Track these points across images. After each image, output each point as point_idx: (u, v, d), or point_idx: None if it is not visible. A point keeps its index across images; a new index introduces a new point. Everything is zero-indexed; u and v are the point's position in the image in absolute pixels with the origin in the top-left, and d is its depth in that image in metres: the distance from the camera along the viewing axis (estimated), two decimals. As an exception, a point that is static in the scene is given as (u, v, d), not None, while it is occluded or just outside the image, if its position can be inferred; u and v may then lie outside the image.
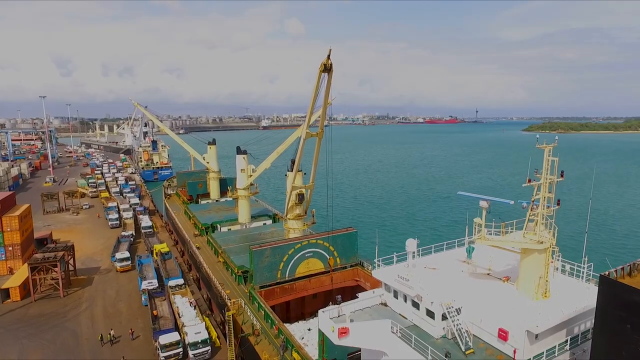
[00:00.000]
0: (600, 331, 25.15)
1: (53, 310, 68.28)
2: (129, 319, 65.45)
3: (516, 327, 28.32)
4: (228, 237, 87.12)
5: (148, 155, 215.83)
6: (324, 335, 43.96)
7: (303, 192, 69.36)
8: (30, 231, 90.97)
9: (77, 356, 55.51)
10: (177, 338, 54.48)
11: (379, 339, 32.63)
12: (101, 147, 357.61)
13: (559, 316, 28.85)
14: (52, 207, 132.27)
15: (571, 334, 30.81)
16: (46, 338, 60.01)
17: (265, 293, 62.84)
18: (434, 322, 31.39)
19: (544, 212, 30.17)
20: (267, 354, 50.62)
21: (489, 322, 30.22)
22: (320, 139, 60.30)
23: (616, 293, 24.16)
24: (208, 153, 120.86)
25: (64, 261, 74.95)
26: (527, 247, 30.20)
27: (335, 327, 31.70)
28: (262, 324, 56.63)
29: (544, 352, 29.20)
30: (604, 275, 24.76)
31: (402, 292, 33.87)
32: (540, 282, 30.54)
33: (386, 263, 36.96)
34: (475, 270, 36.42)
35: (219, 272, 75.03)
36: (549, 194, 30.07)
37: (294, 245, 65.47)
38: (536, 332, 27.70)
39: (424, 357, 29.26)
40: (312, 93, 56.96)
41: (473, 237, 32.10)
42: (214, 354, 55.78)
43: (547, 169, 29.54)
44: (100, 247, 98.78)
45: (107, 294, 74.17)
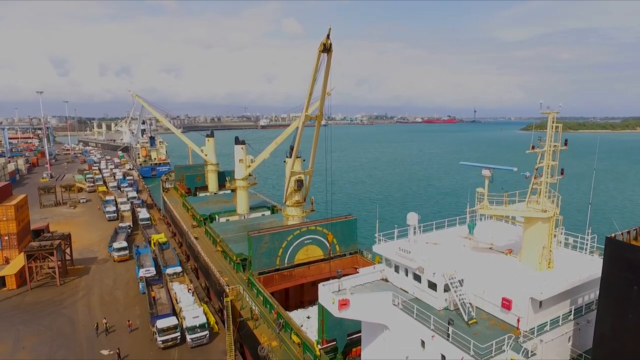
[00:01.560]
0: (606, 295, 24.68)
1: (49, 298, 67.57)
2: (126, 306, 64.77)
3: (520, 295, 27.83)
4: (226, 227, 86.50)
5: (146, 151, 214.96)
6: (323, 315, 43.58)
7: (302, 178, 68.78)
8: (27, 222, 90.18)
9: (74, 342, 54.81)
10: (174, 322, 53.88)
11: (379, 312, 32.11)
12: (99, 145, 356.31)
13: (563, 284, 28.38)
14: (49, 201, 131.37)
15: (575, 304, 30.35)
16: (42, 324, 59.32)
17: (264, 280, 62.23)
18: (436, 294, 30.87)
19: (548, 180, 29.69)
20: (265, 336, 50.07)
21: (492, 292, 29.75)
22: (320, 122, 59.78)
23: (623, 255, 23.68)
24: (206, 145, 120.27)
25: (60, 250, 74.20)
26: (531, 215, 29.72)
27: (335, 299, 31.15)
28: (260, 309, 56.10)
29: (548, 322, 28.73)
30: (610, 237, 24.29)
31: (403, 265, 33.34)
32: (544, 252, 30.06)
33: (387, 238, 36.42)
34: (477, 245, 35.94)
35: (217, 260, 74.46)
36: (552, 162, 29.59)
37: (292, 231, 64.89)
38: (540, 299, 27.23)
39: (427, 327, 28.76)
40: (310, 76, 56.36)
41: (475, 207, 31.58)
42: (212, 339, 55.13)
43: (550, 136, 29.05)
44: (97, 238, 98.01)
45: (104, 283, 73.47)
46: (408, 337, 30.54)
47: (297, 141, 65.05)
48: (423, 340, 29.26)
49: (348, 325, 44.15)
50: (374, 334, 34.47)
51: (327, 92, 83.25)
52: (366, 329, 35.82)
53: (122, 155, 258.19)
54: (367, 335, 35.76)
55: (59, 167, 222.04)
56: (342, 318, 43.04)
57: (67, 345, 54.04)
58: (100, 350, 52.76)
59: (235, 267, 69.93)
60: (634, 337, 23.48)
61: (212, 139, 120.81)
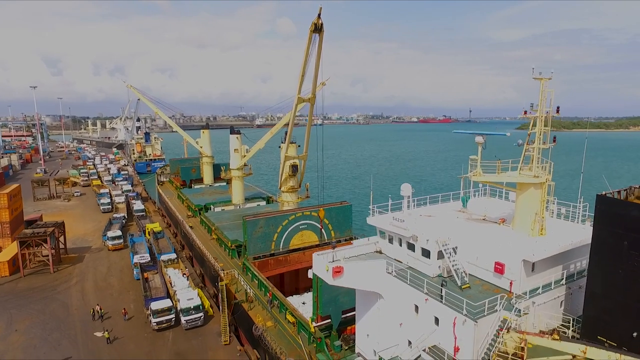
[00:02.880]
0: (597, 252, 24.94)
1: (43, 284, 67.18)
2: (120, 291, 64.51)
3: (512, 258, 28.02)
4: (221, 216, 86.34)
5: (141, 147, 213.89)
6: (318, 291, 43.60)
7: (297, 163, 68.77)
8: (20, 211, 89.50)
9: (67, 325, 54.53)
10: (169, 304, 53.73)
11: (373, 280, 32.22)
12: (93, 142, 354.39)
13: (555, 247, 28.60)
14: (43, 194, 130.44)
15: (567, 270, 30.59)
16: (35, 308, 58.98)
17: (259, 264, 62.14)
18: (430, 261, 30.99)
19: (540, 147, 29.90)
20: (260, 317, 50.06)
21: (485, 258, 29.93)
22: (313, 104, 59.76)
23: (614, 210, 23.96)
24: (201, 138, 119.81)
25: (54, 237, 73.75)
26: (523, 181, 29.92)
27: (329, 267, 31.20)
28: (255, 291, 56.06)
29: (540, 286, 28.93)
30: (601, 195, 24.54)
31: (397, 235, 33.43)
32: (536, 218, 30.26)
33: (381, 211, 36.51)
34: (471, 216, 36.13)
35: (212, 248, 74.29)
36: (544, 129, 29.81)
37: (288, 216, 64.87)
38: (533, 261, 27.42)
39: (420, 291, 28.88)
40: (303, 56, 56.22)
41: (469, 174, 31.73)
42: (206, 322, 55.02)
43: (542, 101, 29.26)
44: (91, 229, 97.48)
45: (98, 270, 73.12)
46: (402, 303, 30.66)
47: (290, 125, 65.02)
48: (417, 305, 29.39)
49: (343, 302, 44.19)
50: (368, 304, 34.57)
51: (322, 83, 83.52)
52: (360, 300, 35.91)
53: (116, 152, 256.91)
54: (361, 306, 35.86)
55: (53, 163, 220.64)
56: (337, 295, 43.70)
57: (60, 328, 53.76)
58: (94, 333, 52.53)
59: (230, 254, 69.81)
60: (624, 293, 23.74)
61: (207, 131, 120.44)
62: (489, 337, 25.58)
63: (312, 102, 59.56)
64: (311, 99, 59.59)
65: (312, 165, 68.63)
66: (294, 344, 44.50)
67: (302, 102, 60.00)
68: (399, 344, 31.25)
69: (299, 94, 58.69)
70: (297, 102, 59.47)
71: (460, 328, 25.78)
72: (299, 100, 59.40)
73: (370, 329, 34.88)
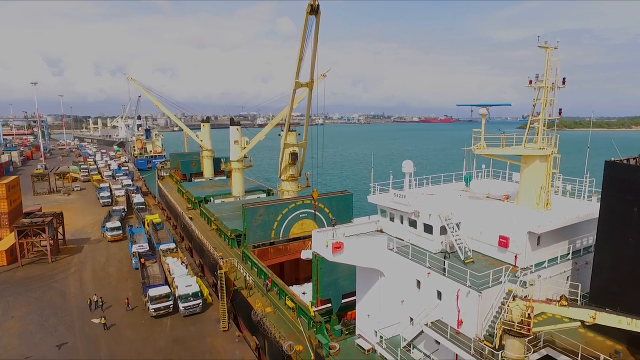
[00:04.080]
0: (606, 220, 24.13)
1: (40, 273, 66.53)
2: (118, 280, 63.79)
3: (517, 231, 27.19)
4: (221, 207, 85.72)
5: (142, 143, 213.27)
6: (318, 274, 42.86)
7: (296, 151, 67.98)
8: (19, 203, 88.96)
9: (64, 312, 53.83)
10: (167, 291, 53.03)
11: (374, 257, 31.44)
12: (94, 141, 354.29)
13: (561, 220, 27.78)
14: (43, 189, 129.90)
15: (573, 246, 29.72)
16: (32, 296, 58.32)
17: (258, 253, 61.41)
18: (432, 237, 30.18)
19: (546, 117, 29.08)
20: (259, 303, 49.31)
21: (489, 233, 29.11)
22: (311, 89, 59.07)
23: (623, 177, 23.15)
24: (202, 131, 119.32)
25: (52, 227, 73.11)
26: (528, 153, 29.10)
27: (329, 242, 30.43)
28: (254, 279, 55.34)
29: (546, 260, 28.11)
30: (609, 161, 23.74)
31: (398, 212, 32.63)
32: (541, 192, 29.43)
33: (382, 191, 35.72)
34: (474, 194, 35.33)
35: (212, 238, 73.60)
36: (550, 99, 28.98)
37: (287, 204, 64.11)
38: (538, 232, 26.59)
39: (422, 265, 28.08)
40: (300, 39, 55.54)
41: (472, 147, 30.92)
42: (205, 309, 54.26)
43: (548, 71, 28.45)
44: (90, 221, 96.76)
45: (97, 260, 72.43)
46: (403, 280, 29.89)
47: (289, 111, 64.20)
48: (419, 281, 28.61)
49: (343, 286, 43.44)
50: (368, 283, 33.78)
51: (323, 74, 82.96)
52: (361, 278, 35.12)
53: (117, 149, 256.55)
54: (362, 286, 35.08)
55: (54, 160, 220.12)
56: (337, 278, 42.96)
57: (57, 315, 53.08)
58: (92, 320, 51.83)
59: (229, 243, 69.13)
60: (634, 262, 22.92)
61: (208, 124, 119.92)
62: (494, 309, 24.78)
63: (310, 87, 58.91)
64: (309, 83, 58.90)
65: (312, 163, 68.49)
66: (293, 329, 43.74)
67: (299, 87, 59.25)
68: (401, 322, 30.47)
69: (296, 78, 57.96)
70: (295, 87, 58.77)
71: (463, 300, 24.99)
72: (297, 85, 58.69)
73: (371, 308, 34.09)
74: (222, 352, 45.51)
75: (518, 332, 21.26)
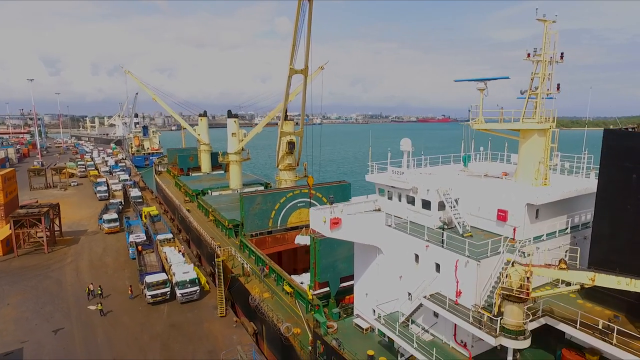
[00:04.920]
0: (605, 189, 24.08)
1: (37, 263, 66.18)
2: (115, 269, 63.48)
3: (516, 203, 27.08)
4: (219, 199, 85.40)
5: (139, 140, 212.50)
6: (316, 257, 42.69)
7: (293, 140, 67.79)
8: (15, 195, 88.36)
9: (60, 300, 53.52)
10: (164, 277, 52.76)
11: (372, 233, 31.28)
12: (92, 139, 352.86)
13: (560, 193, 27.69)
14: (40, 184, 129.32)
15: (572, 221, 29.65)
16: (28, 285, 57.98)
17: (256, 242, 61.16)
18: (430, 212, 30.03)
19: (544, 92, 28.96)
20: (257, 289, 49.08)
21: (487, 207, 28.97)
22: (306, 76, 59.01)
23: (622, 143, 23.09)
24: (199, 125, 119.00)
25: (48, 217, 72.75)
26: (526, 127, 28.98)
27: (327, 218, 30.27)
28: (252, 266, 55.11)
29: (545, 234, 28.00)
30: (608, 129, 23.64)
31: (396, 189, 32.50)
32: (539, 167, 29.32)
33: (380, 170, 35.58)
34: (472, 173, 35.21)
35: (209, 229, 73.37)
36: (548, 72, 28.85)
37: (285, 193, 63.91)
38: (537, 204, 26.48)
39: (420, 239, 27.94)
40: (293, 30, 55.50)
41: (470, 122, 30.80)
42: (202, 297, 54.01)
43: (546, 44, 28.33)
44: (87, 215, 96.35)
45: (94, 251, 72.08)
46: (401, 255, 29.74)
47: (284, 99, 63.90)
48: (417, 255, 28.46)
49: (341, 269, 43.30)
50: (367, 261, 33.63)
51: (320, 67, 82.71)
52: (359, 257, 34.95)
53: (114, 147, 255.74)
54: (360, 264, 34.92)
55: (51, 157, 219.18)
56: (334, 260, 42.81)
57: (53, 302, 52.77)
58: (88, 306, 51.54)
59: (227, 234, 68.92)
60: (633, 230, 22.84)
61: (205, 118, 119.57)
62: (492, 280, 24.66)
63: (305, 74, 58.89)
64: (304, 70, 58.84)
65: (310, 161, 68.55)
66: (291, 313, 43.57)
67: (294, 73, 59.17)
68: (399, 298, 30.31)
69: (291, 64, 57.86)
70: (290, 73, 58.71)
71: (462, 271, 24.85)
72: (292, 72, 58.61)
73: (369, 287, 33.94)
74: (220, 336, 45.30)
75: (517, 296, 21.13)
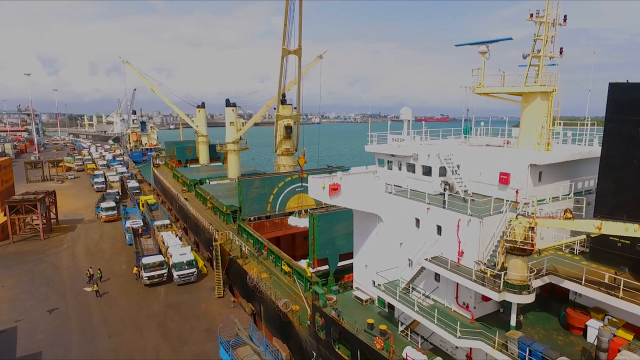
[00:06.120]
0: (610, 146, 23.61)
1: (32, 249, 65.52)
2: (112, 255, 62.85)
3: (518, 165, 26.59)
4: (217, 188, 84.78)
5: (137, 136, 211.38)
6: (315, 233, 42.17)
7: (290, 124, 67.21)
8: (11, 184, 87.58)
9: (56, 282, 52.87)
10: (160, 259, 52.16)
11: (372, 200, 30.73)
12: (89, 136, 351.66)
13: (563, 154, 27.24)
14: (36, 176, 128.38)
15: (575, 186, 29.17)
16: (24, 268, 57.33)
17: (254, 226, 60.62)
18: (431, 178, 29.49)
19: (547, 54, 28.46)
20: (255, 269, 48.50)
21: (489, 172, 28.46)
22: (300, 57, 58.81)
23: (628, 96, 22.58)
24: (197, 116, 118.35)
25: (44, 204, 72.00)
26: (529, 90, 28.46)
27: (325, 184, 29.73)
28: (250, 249, 54.55)
29: (548, 198, 27.50)
30: (614, 83, 23.14)
31: (396, 158, 31.93)
32: (542, 131, 28.80)
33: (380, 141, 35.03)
34: (473, 143, 34.73)
35: (208, 215, 72.72)
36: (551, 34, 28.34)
37: (284, 177, 63.38)
38: (540, 163, 25.99)
39: (421, 202, 27.41)
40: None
41: (471, 86, 30.25)
42: (199, 279, 53.41)
43: (549, 5, 27.81)
44: (84, 205, 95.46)
45: (90, 237, 71.43)
46: (402, 221, 29.18)
47: (279, 80, 63.38)
48: (418, 219, 27.91)
49: (340, 246, 42.83)
50: (366, 230, 33.05)
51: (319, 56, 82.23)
52: (358, 227, 34.34)
53: (112, 143, 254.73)
54: (359, 235, 34.32)
55: (48, 153, 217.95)
56: (333, 237, 42.28)
57: (48, 284, 52.15)
58: (84, 288, 50.91)
59: (225, 219, 68.30)
60: (638, 185, 22.36)
61: (203, 109, 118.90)
62: (495, 239, 24.14)
63: (298, 55, 58.65)
64: (297, 50, 58.56)
65: (309, 159, 68.44)
66: (290, 292, 42.97)
67: (287, 54, 58.86)
68: (399, 266, 29.77)
69: (284, 44, 57.55)
70: (283, 54, 58.42)
71: (464, 230, 24.33)
72: (285, 52, 58.33)
73: (368, 258, 33.38)
74: (217, 316, 44.68)
75: (521, 248, 20.61)
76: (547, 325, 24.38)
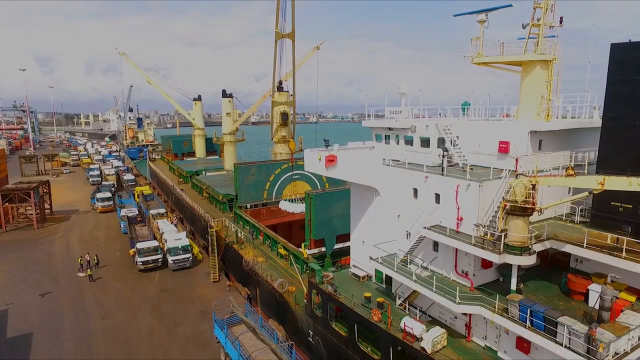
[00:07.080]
0: (612, 105, 23.08)
1: (26, 238, 64.79)
2: (106, 243, 62.18)
3: (518, 133, 26.11)
4: (213, 178, 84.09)
5: (133, 132, 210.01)
6: (311, 213, 41.61)
7: (286, 110, 66.61)
8: (5, 175, 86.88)
9: (48, 269, 52.18)
10: (155, 244, 51.49)
11: (369, 172, 30.19)
12: (86, 134, 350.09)
13: (563, 122, 26.81)
14: (31, 171, 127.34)
15: (575, 158, 28.67)
16: (16, 255, 56.63)
17: (251, 213, 60.03)
18: (429, 150, 29.01)
19: (547, 23, 27.98)
20: (251, 254, 47.86)
21: (488, 142, 27.95)
22: (294, 39, 58.41)
23: (631, 55, 22.08)
24: (194, 109, 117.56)
25: (38, 193, 71.17)
26: (528, 59, 27.96)
27: (322, 155, 29.16)
28: (246, 235, 53.90)
29: (548, 168, 27.00)
30: (615, 43, 22.68)
31: (394, 130, 31.43)
32: (542, 102, 28.30)
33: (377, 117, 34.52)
34: (472, 119, 34.23)
35: (204, 205, 72.02)
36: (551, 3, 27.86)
37: (280, 165, 62.84)
38: (541, 130, 25.53)
39: (419, 171, 26.88)
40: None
41: (470, 56, 29.73)
42: (195, 265, 52.78)
43: (548, -28, 27.34)
44: (79, 197, 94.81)
45: (85, 227, 70.72)
46: (400, 192, 28.63)
47: (274, 64, 62.72)
48: (415, 189, 27.37)
49: (337, 226, 42.30)
50: (363, 205, 32.48)
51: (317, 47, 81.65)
52: (355, 201, 33.75)
53: (109, 140, 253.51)
54: (356, 210, 33.74)
55: (44, 150, 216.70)
56: (330, 217, 41.69)
57: (40, 271, 51.46)
58: (77, 273, 50.19)
59: (221, 208, 67.61)
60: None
61: (200, 102, 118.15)
62: (495, 205, 23.63)
63: (292, 38, 58.29)
64: (291, 34, 58.20)
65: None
66: (286, 275, 42.37)
67: (280, 38, 58.43)
68: (397, 239, 29.21)
69: (277, 28, 57.09)
70: (276, 37, 57.97)
71: (463, 195, 23.80)
72: (278, 36, 57.90)
73: (365, 234, 32.80)
74: (212, 299, 43.68)
75: (522, 207, 20.10)
76: (547, 292, 23.88)
